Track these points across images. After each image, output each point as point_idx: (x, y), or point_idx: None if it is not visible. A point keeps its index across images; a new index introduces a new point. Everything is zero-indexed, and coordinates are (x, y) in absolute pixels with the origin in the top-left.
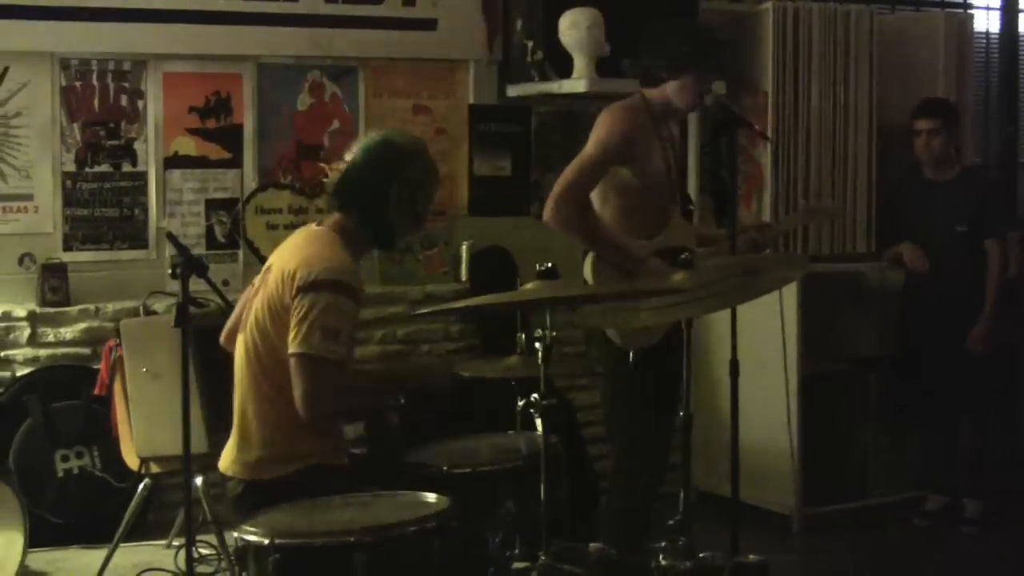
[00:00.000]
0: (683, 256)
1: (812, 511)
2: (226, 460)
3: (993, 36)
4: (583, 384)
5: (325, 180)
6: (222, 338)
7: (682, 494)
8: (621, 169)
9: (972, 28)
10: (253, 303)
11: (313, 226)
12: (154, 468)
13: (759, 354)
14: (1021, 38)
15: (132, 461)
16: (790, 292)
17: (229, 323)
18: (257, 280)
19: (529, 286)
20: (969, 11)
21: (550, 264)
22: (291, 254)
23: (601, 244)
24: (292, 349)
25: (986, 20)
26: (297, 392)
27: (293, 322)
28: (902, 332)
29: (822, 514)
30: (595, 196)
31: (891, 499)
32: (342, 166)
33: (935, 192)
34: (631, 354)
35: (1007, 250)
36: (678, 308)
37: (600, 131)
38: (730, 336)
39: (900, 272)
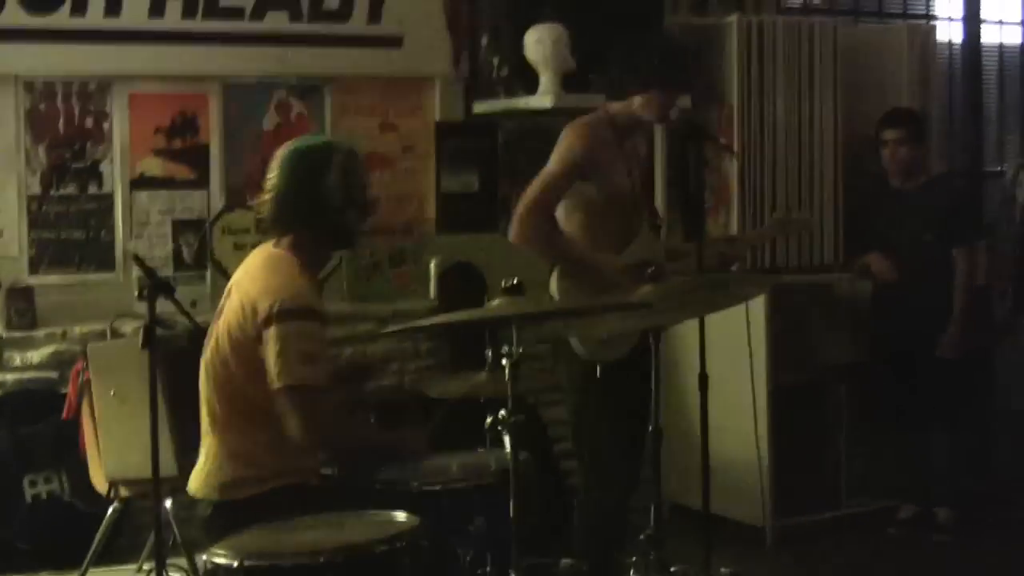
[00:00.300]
0: (650, 270)
1: (785, 523)
2: (195, 482)
3: (956, 47)
4: (553, 399)
5: (258, 216)
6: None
7: (653, 508)
8: (585, 184)
9: (935, 39)
10: (215, 327)
11: (270, 247)
12: (123, 492)
13: (728, 366)
14: (983, 49)
15: (101, 485)
16: (758, 304)
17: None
18: (222, 303)
19: (495, 303)
20: (932, 22)
21: (516, 280)
22: (251, 281)
23: (567, 260)
24: (277, 384)
25: (948, 31)
26: (292, 423)
27: (271, 356)
28: (872, 341)
29: (795, 525)
30: (560, 211)
31: (864, 509)
32: (267, 195)
33: (902, 201)
34: (598, 369)
35: (975, 258)
36: (645, 317)
37: (563, 147)
38: (699, 348)
39: (869, 282)
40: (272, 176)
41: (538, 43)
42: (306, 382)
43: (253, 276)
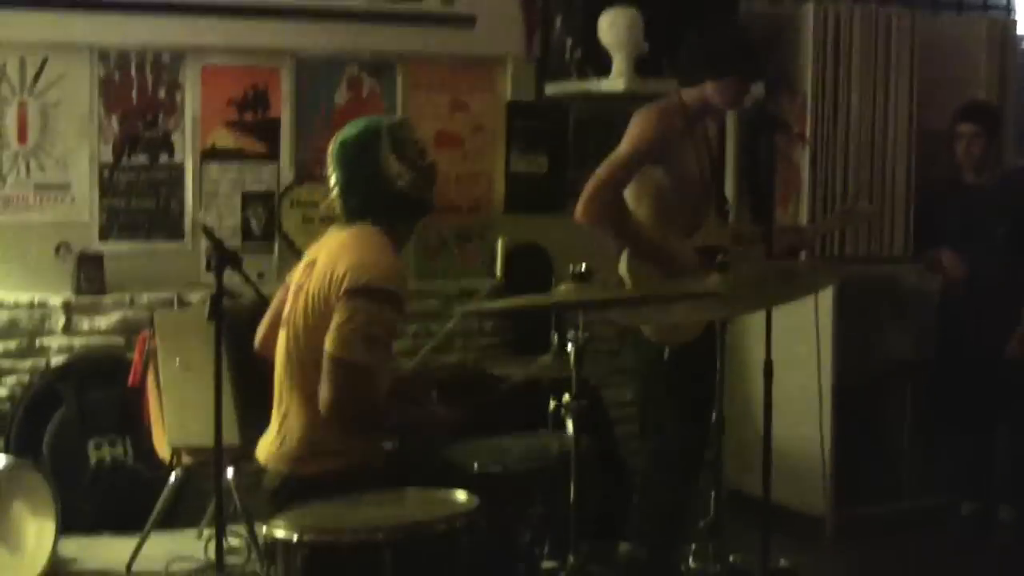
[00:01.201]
0: (720, 258)
1: (845, 514)
2: (264, 451)
3: None
4: (615, 381)
5: (332, 213)
6: (257, 343)
7: (713, 495)
8: (654, 169)
9: (1015, 33)
10: (297, 299)
11: (363, 227)
12: (186, 459)
13: (793, 355)
14: None
15: (164, 452)
16: (826, 294)
17: (262, 328)
18: (296, 275)
19: (563, 287)
20: (1012, 16)
21: (584, 266)
22: (339, 254)
23: (634, 242)
24: (329, 349)
25: None
26: (325, 393)
27: (336, 323)
28: (939, 337)
29: (856, 517)
30: (629, 196)
31: (925, 504)
32: (332, 192)
33: (975, 197)
34: (666, 352)
35: None
36: (713, 308)
37: (633, 131)
38: (764, 337)
39: (938, 277)
40: (330, 173)
41: (612, 26)
42: (359, 362)
43: (342, 250)
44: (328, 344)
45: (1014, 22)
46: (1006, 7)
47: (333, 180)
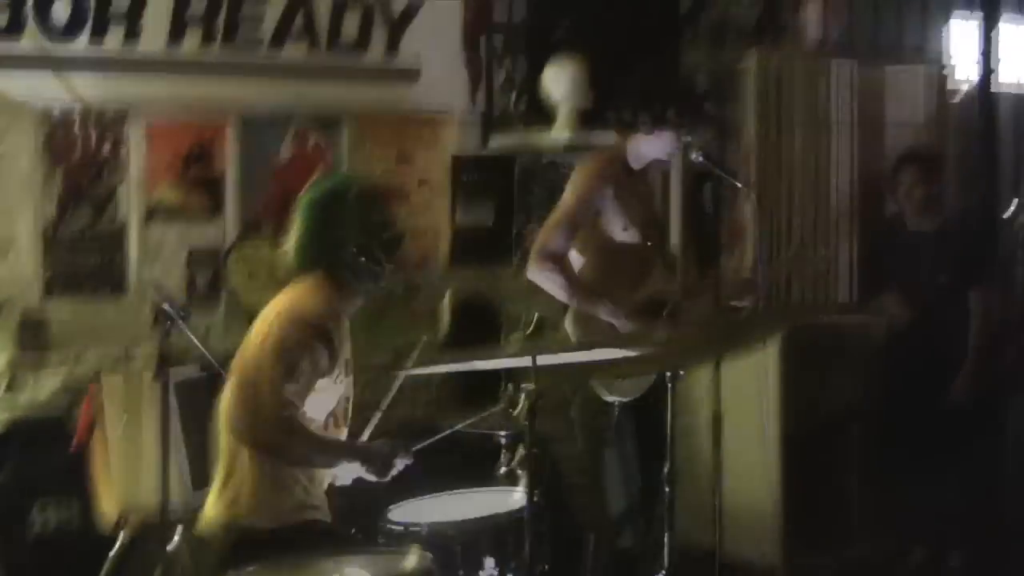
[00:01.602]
0: (667, 310)
1: (797, 563)
2: (209, 512)
3: (972, 88)
4: (566, 435)
5: (282, 258)
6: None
7: (666, 549)
8: (599, 220)
9: (952, 80)
10: (242, 351)
11: (306, 279)
12: (133, 521)
13: (740, 406)
14: (999, 92)
15: (112, 513)
16: (772, 344)
17: None
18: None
19: (515, 340)
20: (948, 65)
21: (536, 318)
22: (277, 301)
23: (579, 296)
24: (249, 367)
25: (966, 73)
26: (238, 411)
27: (263, 347)
28: (885, 383)
29: (807, 566)
30: (575, 248)
31: (876, 551)
32: (290, 240)
33: (918, 241)
34: (615, 407)
35: (990, 300)
36: (665, 361)
37: (577, 183)
38: (712, 389)
39: (883, 322)
40: (294, 222)
41: (555, 79)
42: (276, 386)
43: (281, 296)
44: (247, 361)
45: (952, 68)
46: (942, 56)
47: (293, 229)
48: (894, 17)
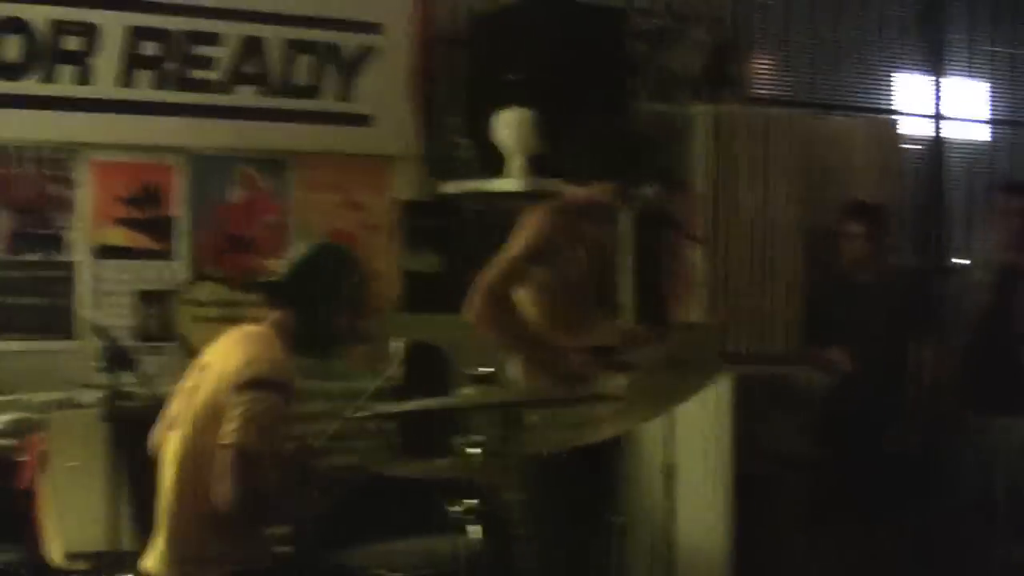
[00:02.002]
0: (618, 359)
1: None
2: (151, 561)
3: (920, 141)
4: (514, 485)
5: (265, 279)
6: (152, 444)
7: None
8: (543, 269)
9: (899, 132)
10: (191, 399)
11: (248, 326)
12: (80, 565)
13: (689, 456)
14: (946, 143)
15: (57, 558)
16: (722, 392)
17: (158, 430)
18: (189, 377)
19: (467, 390)
20: (896, 117)
21: (486, 368)
22: (231, 353)
23: (522, 344)
24: (226, 441)
25: (913, 126)
26: (223, 486)
27: (229, 415)
28: (825, 433)
29: None
30: (519, 297)
31: None
32: (283, 267)
33: (859, 293)
34: (562, 455)
35: (928, 353)
36: (617, 420)
37: (521, 231)
38: (662, 438)
39: (824, 373)
40: (299, 254)
41: (506, 126)
42: (253, 449)
43: (235, 348)
44: (225, 437)
45: (898, 121)
46: (890, 109)
47: (294, 259)
48: (844, 69)
